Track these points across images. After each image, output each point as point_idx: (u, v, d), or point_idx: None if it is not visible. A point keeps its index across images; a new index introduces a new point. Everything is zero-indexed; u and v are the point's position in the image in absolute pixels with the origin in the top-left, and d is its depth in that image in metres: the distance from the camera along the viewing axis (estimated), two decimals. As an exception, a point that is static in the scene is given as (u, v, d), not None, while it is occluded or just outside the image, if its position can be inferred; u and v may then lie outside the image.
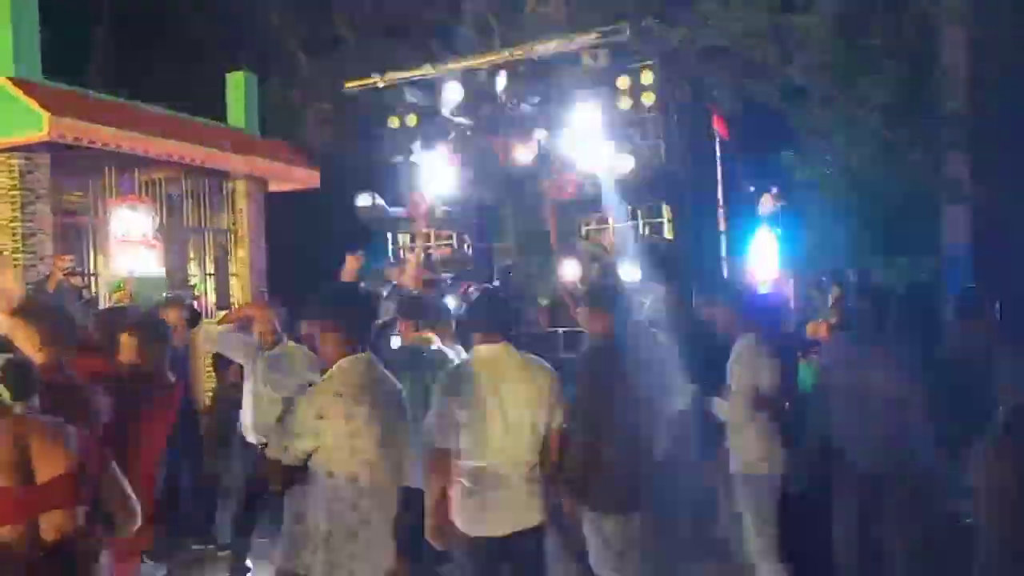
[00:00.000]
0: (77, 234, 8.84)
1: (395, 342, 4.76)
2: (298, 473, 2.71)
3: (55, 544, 2.24)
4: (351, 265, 5.85)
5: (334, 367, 2.79)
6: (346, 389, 2.72)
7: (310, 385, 3.89)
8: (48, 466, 2.26)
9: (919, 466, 3.63)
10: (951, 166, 9.24)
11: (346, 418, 2.68)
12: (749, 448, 3.91)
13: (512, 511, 3.22)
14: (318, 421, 2.67)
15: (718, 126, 9.33)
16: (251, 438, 4.85)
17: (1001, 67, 8.85)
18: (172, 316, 5.79)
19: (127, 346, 3.47)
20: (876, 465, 3.70)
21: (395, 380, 2.96)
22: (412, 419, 3.05)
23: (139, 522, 2.54)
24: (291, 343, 4.92)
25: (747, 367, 3.92)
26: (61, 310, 3.70)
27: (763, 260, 9.48)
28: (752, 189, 10.10)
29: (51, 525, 2.24)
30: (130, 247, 8.15)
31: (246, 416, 4.88)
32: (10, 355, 2.43)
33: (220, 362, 6.27)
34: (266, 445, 2.84)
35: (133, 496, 2.52)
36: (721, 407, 4.08)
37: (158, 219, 9.07)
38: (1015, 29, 8.37)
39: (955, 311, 4.58)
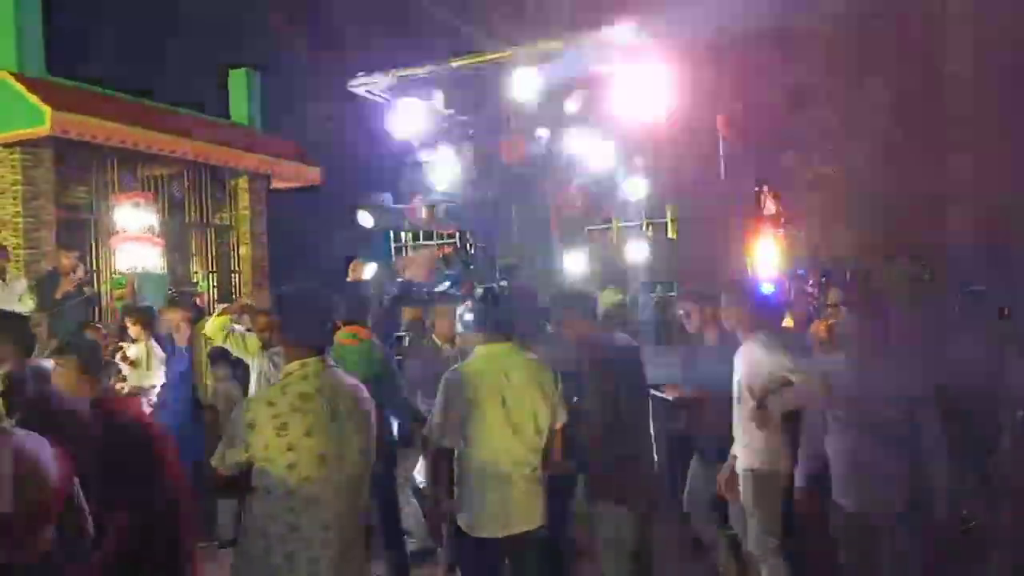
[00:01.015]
0: (79, 230, 8.83)
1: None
2: (238, 484, 2.53)
3: (27, 564, 2.18)
4: (356, 271, 5.90)
5: (281, 372, 2.65)
6: (283, 398, 2.50)
7: None
8: (29, 488, 2.18)
9: (928, 503, 3.18)
10: (955, 167, 9.23)
11: (278, 429, 2.45)
12: (758, 446, 3.91)
13: (514, 511, 3.20)
14: (248, 431, 2.46)
15: (722, 125, 9.32)
16: None
17: (1005, 68, 8.83)
18: (176, 316, 5.82)
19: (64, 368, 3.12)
20: (875, 504, 3.30)
21: (360, 389, 2.71)
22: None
23: (91, 536, 2.48)
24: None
25: (756, 365, 3.91)
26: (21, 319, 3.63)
27: (766, 259, 9.48)
28: (756, 189, 10.10)
29: (21, 550, 2.17)
30: (132, 244, 8.14)
31: None
32: (7, 369, 2.38)
33: (214, 358, 6.32)
34: None
35: (87, 511, 2.48)
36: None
37: (160, 216, 9.07)
38: (1019, 30, 8.36)
39: (961, 314, 4.55)
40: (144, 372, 5.50)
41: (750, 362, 3.94)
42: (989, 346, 4.16)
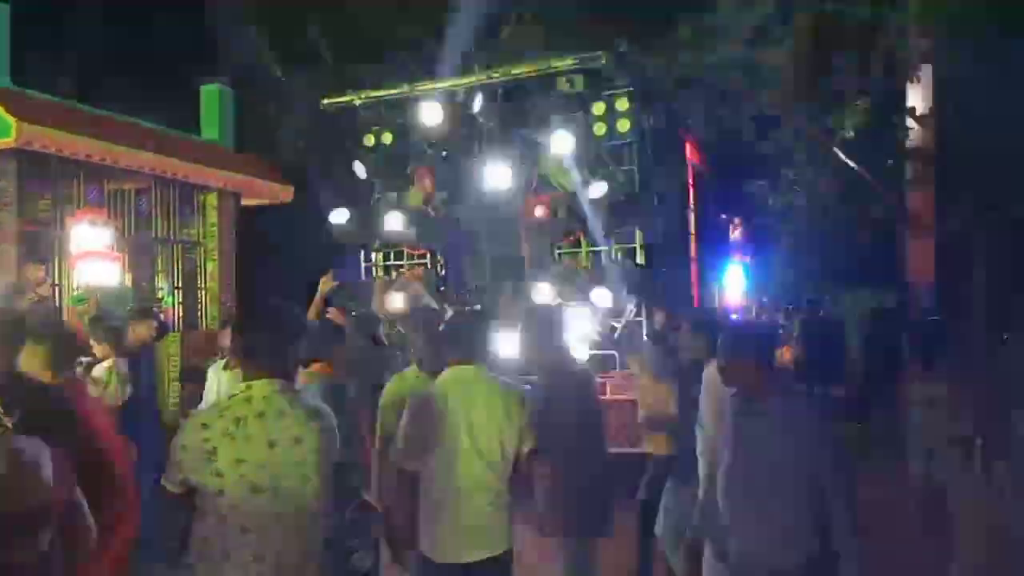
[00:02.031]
0: (43, 243, 8.67)
1: None
2: (181, 505, 2.45)
3: (16, 571, 2.17)
4: (323, 288, 5.88)
5: (224, 395, 2.59)
6: (217, 421, 2.40)
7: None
8: (24, 491, 2.16)
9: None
10: (914, 200, 9.48)
11: (208, 454, 2.35)
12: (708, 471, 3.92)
13: (479, 537, 3.18)
14: (182, 451, 2.39)
15: (691, 154, 9.49)
16: None
17: (964, 105, 9.12)
18: (141, 329, 5.76)
19: (31, 355, 3.09)
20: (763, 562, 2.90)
21: (318, 418, 2.53)
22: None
23: (93, 544, 2.47)
24: None
25: (714, 395, 3.92)
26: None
27: (732, 287, 9.64)
28: (723, 216, 10.27)
29: (17, 551, 2.16)
30: (91, 260, 8.00)
31: None
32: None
33: (189, 374, 6.37)
34: None
35: (91, 518, 2.45)
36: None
37: (126, 231, 8.94)
38: (978, 69, 8.66)
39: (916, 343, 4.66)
40: (105, 391, 5.39)
41: (702, 392, 3.96)
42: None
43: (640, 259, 8.31)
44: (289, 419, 2.46)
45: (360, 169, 9.15)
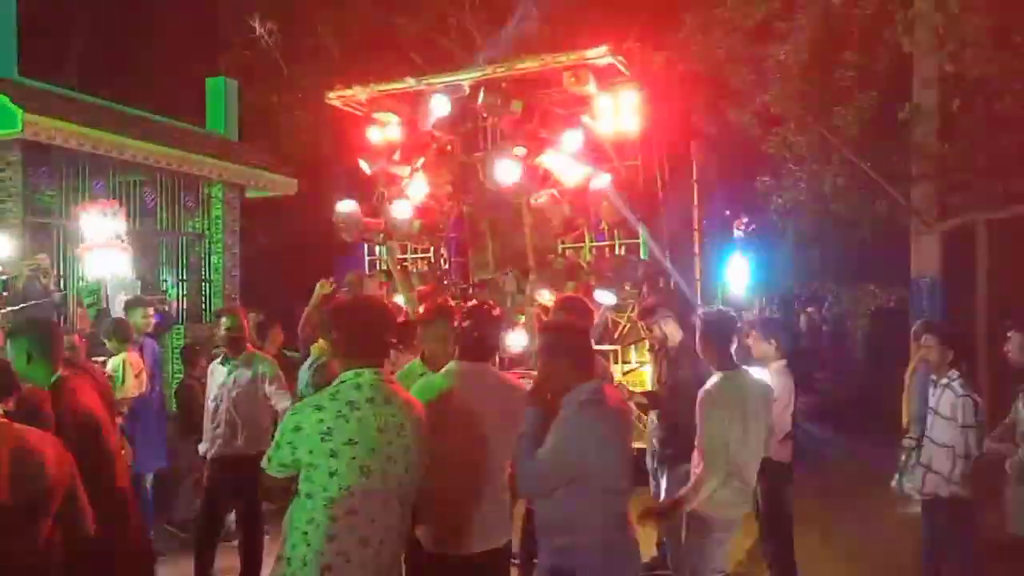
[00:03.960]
0: (48, 234, 8.70)
1: None
2: (282, 487, 2.55)
3: (17, 558, 2.15)
4: (320, 292, 5.93)
5: (336, 380, 2.66)
6: (331, 403, 2.52)
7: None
8: (26, 480, 2.15)
9: None
10: (920, 196, 9.46)
11: (322, 434, 2.46)
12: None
13: (482, 530, 3.20)
14: (295, 433, 2.49)
15: (696, 150, 9.47)
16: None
17: (969, 100, 9.08)
18: (136, 317, 5.84)
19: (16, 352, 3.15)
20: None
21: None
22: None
23: (91, 530, 2.48)
24: (255, 351, 4.96)
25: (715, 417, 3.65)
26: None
27: (736, 283, 9.63)
28: (728, 213, 10.26)
29: (16, 540, 2.14)
30: (99, 251, 8.03)
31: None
32: None
33: (187, 353, 6.58)
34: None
35: (87, 505, 2.46)
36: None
37: (131, 223, 8.96)
38: (984, 63, 8.61)
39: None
40: (118, 387, 5.41)
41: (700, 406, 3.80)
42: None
43: (643, 254, 8.30)
44: (393, 407, 2.61)
45: (364, 163, 9.14)
